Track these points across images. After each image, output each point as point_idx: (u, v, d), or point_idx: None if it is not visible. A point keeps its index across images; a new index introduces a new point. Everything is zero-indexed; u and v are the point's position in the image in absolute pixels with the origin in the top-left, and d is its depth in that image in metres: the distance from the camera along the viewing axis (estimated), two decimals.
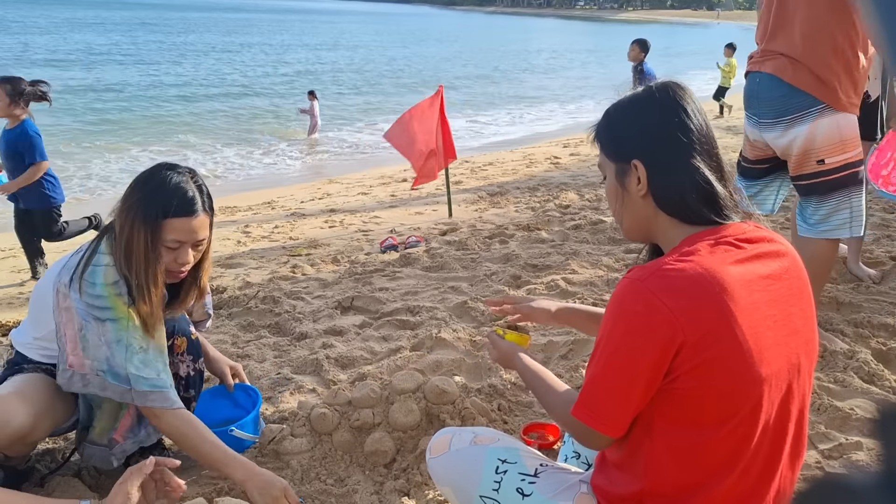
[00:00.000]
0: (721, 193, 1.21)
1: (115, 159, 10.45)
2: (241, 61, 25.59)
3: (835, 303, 3.21)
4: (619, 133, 1.28)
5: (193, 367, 2.08)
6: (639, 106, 1.27)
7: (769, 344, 1.14)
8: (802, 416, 1.24)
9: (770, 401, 1.16)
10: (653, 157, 1.22)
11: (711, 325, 1.10)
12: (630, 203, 1.27)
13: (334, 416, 2.14)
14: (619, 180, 1.27)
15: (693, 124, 1.22)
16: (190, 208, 1.82)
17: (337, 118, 14.71)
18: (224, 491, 1.97)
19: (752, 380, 1.12)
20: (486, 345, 1.69)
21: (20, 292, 4.40)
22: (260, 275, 4.35)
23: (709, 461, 1.18)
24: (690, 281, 1.11)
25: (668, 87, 1.25)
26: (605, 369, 1.18)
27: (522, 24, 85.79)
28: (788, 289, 1.20)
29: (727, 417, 1.14)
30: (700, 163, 1.21)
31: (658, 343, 1.11)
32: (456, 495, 1.51)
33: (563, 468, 1.48)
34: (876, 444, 0.37)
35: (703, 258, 1.13)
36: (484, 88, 20.92)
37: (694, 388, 1.12)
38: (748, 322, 1.12)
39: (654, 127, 1.23)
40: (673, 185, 1.21)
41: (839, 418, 2.19)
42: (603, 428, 1.20)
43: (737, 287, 1.12)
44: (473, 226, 5.51)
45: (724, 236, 1.18)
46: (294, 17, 66.84)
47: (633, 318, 1.14)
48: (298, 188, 8.59)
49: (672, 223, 1.23)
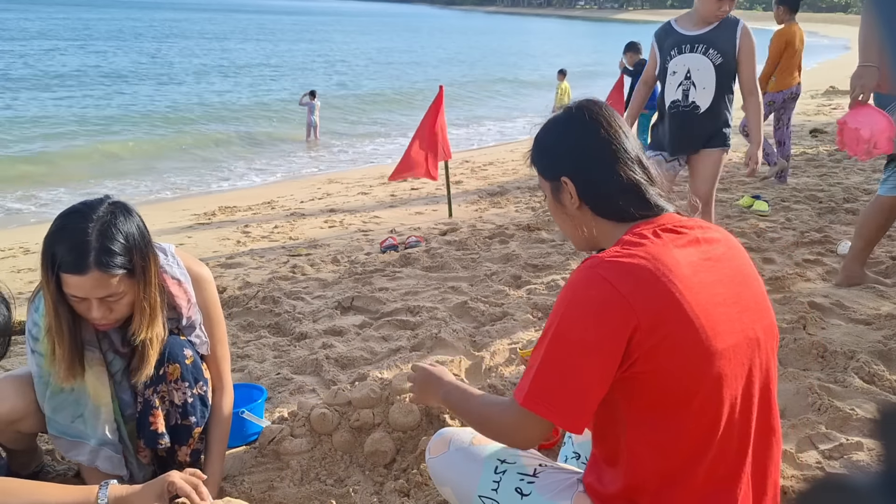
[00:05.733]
0: (648, 189, 1.31)
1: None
2: (240, 60, 25.58)
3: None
4: (546, 154, 1.39)
5: (191, 393, 1.91)
6: (560, 127, 1.38)
7: (721, 320, 1.19)
8: (768, 391, 1.27)
9: (731, 375, 1.19)
10: (579, 172, 1.32)
11: (662, 304, 1.15)
12: (569, 216, 1.36)
13: (334, 417, 2.14)
14: (555, 197, 1.37)
15: (610, 135, 1.32)
16: (77, 266, 1.60)
17: (336, 119, 14.70)
18: (224, 491, 1.98)
19: (707, 354, 1.17)
20: (409, 377, 1.73)
21: (20, 292, 4.40)
22: (260, 275, 4.35)
23: (684, 444, 1.20)
24: (639, 266, 1.18)
25: (584, 106, 1.37)
26: (559, 353, 1.19)
27: (523, 25, 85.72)
28: (731, 269, 1.27)
29: (690, 395, 1.17)
30: (622, 167, 1.30)
31: (612, 327, 1.16)
32: (455, 495, 1.51)
33: (561, 468, 1.48)
34: (876, 445, 0.37)
35: (649, 245, 1.21)
36: (484, 88, 20.91)
37: (653, 370, 1.16)
38: (697, 300, 1.17)
39: (575, 144, 1.34)
40: (601, 192, 1.31)
41: (840, 418, 2.19)
42: (556, 416, 1.19)
43: (682, 268, 1.19)
44: (473, 226, 5.51)
45: (662, 224, 1.27)
46: (288, 20, 66.64)
47: (588, 302, 1.18)
48: (298, 188, 8.59)
49: (611, 225, 1.32)
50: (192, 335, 1.94)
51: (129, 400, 1.89)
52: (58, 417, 1.80)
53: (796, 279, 3.56)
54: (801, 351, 2.67)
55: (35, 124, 12.38)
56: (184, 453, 1.97)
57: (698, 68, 3.31)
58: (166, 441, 1.90)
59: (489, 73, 25.32)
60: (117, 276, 1.64)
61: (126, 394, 1.89)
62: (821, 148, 8.10)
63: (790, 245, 4.22)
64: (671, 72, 3.37)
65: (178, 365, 1.89)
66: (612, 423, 1.25)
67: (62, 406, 1.80)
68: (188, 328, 1.93)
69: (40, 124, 12.41)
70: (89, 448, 1.83)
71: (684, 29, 3.37)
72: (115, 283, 1.64)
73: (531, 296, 3.50)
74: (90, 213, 1.64)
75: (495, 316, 3.25)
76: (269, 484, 2.00)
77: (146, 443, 1.91)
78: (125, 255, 1.65)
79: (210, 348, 1.99)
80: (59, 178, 9.30)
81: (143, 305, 1.74)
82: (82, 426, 1.82)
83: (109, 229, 1.63)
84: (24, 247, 5.66)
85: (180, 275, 1.89)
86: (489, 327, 3.08)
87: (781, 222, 4.81)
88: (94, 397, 1.83)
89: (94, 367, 1.82)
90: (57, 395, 1.79)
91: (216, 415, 2.00)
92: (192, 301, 1.92)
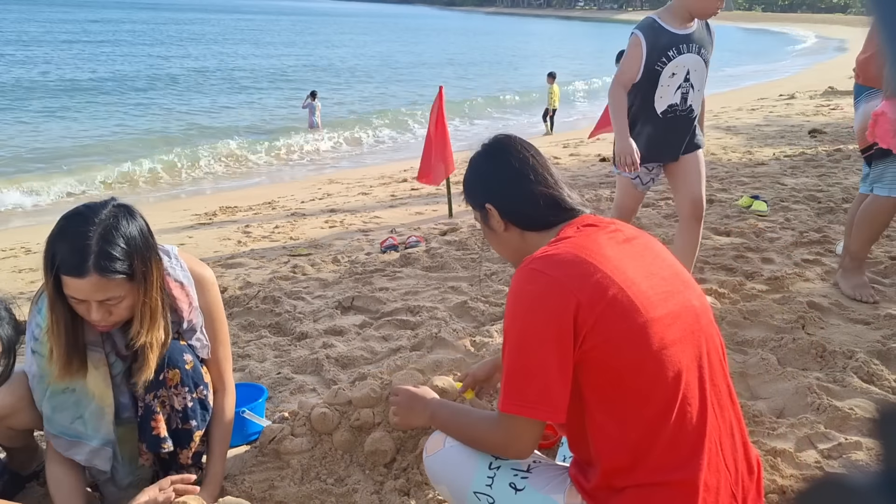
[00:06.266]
0: (563, 197, 1.48)
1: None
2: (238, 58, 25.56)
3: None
4: (470, 187, 1.58)
5: (191, 398, 1.92)
6: (478, 162, 1.58)
7: (652, 292, 1.31)
8: (717, 354, 1.35)
9: (676, 340, 1.28)
10: (497, 197, 1.50)
11: (595, 280, 1.27)
12: (501, 238, 1.54)
13: (334, 416, 2.14)
14: (486, 224, 1.55)
15: (519, 160, 1.51)
16: (76, 269, 1.60)
17: (337, 119, 14.70)
18: (225, 491, 1.98)
19: (647, 322, 1.26)
20: (392, 400, 1.81)
21: (21, 292, 4.40)
22: (260, 275, 4.36)
23: (645, 412, 1.25)
24: (569, 254, 1.32)
25: (497, 140, 1.57)
26: (519, 353, 1.27)
27: (524, 27, 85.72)
28: (652, 252, 1.41)
29: (640, 363, 1.25)
30: (534, 185, 1.47)
31: (557, 310, 1.25)
32: (451, 492, 1.52)
33: (555, 464, 1.50)
34: (876, 444, 0.37)
35: (574, 237, 1.38)
36: (484, 89, 20.90)
37: (598, 345, 1.25)
38: (625, 275, 1.29)
39: (492, 174, 1.53)
40: (520, 209, 1.49)
41: (839, 418, 2.19)
42: (535, 412, 1.27)
43: (607, 250, 1.33)
44: (473, 226, 5.50)
45: (582, 221, 1.45)
46: (286, 20, 66.59)
47: (530, 296, 1.29)
48: (299, 188, 8.59)
49: (538, 235, 1.48)
50: (192, 338, 1.94)
51: (126, 403, 1.89)
52: (58, 417, 1.80)
53: (795, 279, 3.57)
54: (800, 350, 2.68)
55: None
56: (185, 456, 1.98)
57: (696, 69, 3.10)
58: (169, 445, 1.90)
59: (490, 74, 25.31)
60: (117, 280, 1.63)
61: (124, 396, 1.88)
62: (820, 148, 8.10)
63: (789, 245, 4.23)
64: (669, 74, 3.06)
65: (178, 370, 1.88)
66: (577, 417, 1.31)
67: (62, 406, 1.80)
68: (189, 332, 1.93)
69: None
70: (89, 448, 1.83)
71: (674, 27, 3.07)
72: (114, 287, 1.64)
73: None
74: (93, 216, 1.64)
75: (495, 316, 3.25)
76: (270, 483, 2.01)
77: (149, 447, 1.91)
78: (126, 259, 1.64)
79: (212, 349, 1.99)
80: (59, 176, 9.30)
81: (144, 309, 1.73)
82: (82, 427, 1.82)
83: (111, 233, 1.63)
84: (26, 247, 5.67)
85: (183, 277, 1.89)
86: (489, 327, 3.08)
87: (780, 222, 4.81)
88: (98, 398, 1.82)
89: (100, 368, 1.82)
90: (57, 396, 1.79)
91: (218, 415, 2.00)
92: (194, 304, 1.92)
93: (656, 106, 3.11)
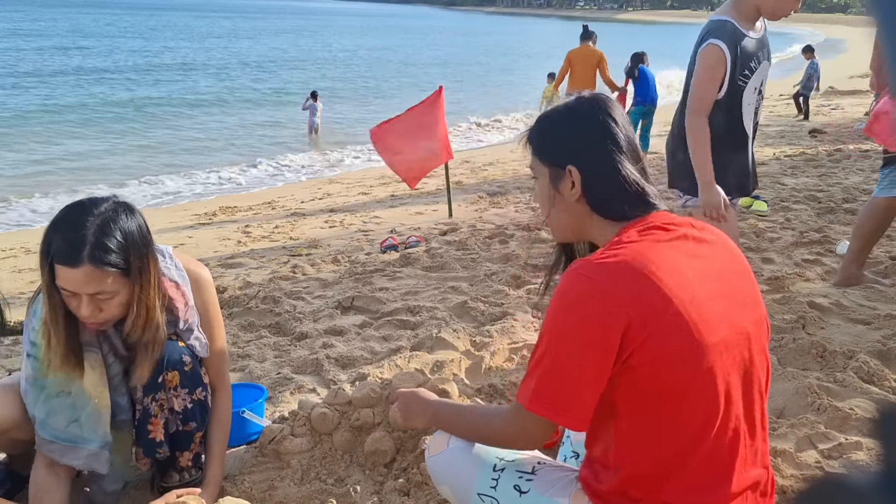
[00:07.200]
0: (648, 190, 1.33)
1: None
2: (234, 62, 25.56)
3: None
4: (554, 140, 1.37)
5: (191, 399, 1.91)
6: (574, 115, 1.37)
7: (711, 314, 1.21)
8: (759, 384, 1.29)
9: (723, 369, 1.22)
10: (587, 163, 1.32)
11: (651, 299, 1.18)
12: (563, 206, 1.36)
13: (334, 416, 2.14)
14: (553, 184, 1.35)
15: (621, 132, 1.33)
16: (70, 258, 1.57)
17: (337, 119, 14.70)
18: (225, 491, 1.98)
19: (699, 347, 1.19)
20: (396, 395, 1.74)
21: (21, 292, 4.40)
22: (260, 275, 4.36)
23: (679, 436, 1.22)
24: (626, 264, 1.20)
25: (599, 100, 1.36)
26: (557, 357, 1.22)
27: (524, 27, 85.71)
28: (721, 264, 1.30)
29: (684, 387, 1.20)
30: (628, 166, 1.31)
31: (603, 325, 1.18)
32: (454, 493, 1.52)
33: (560, 465, 1.49)
34: (876, 444, 0.37)
35: (635, 244, 1.24)
36: (483, 90, 20.89)
37: (646, 363, 1.18)
38: (686, 294, 1.20)
39: (588, 135, 1.33)
40: (606, 187, 1.32)
41: (839, 418, 2.19)
42: (560, 417, 1.24)
43: (669, 263, 1.21)
44: (473, 226, 5.51)
45: (650, 223, 1.29)
46: (288, 20, 66.48)
47: (576, 305, 1.21)
48: (299, 188, 8.60)
49: (604, 223, 1.33)
50: (191, 338, 1.93)
51: (123, 405, 1.87)
52: (52, 421, 1.77)
53: (795, 279, 3.57)
54: (801, 350, 2.67)
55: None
56: (185, 458, 1.98)
57: (764, 79, 2.63)
58: (165, 450, 1.90)
59: (490, 73, 25.30)
60: (111, 273, 1.61)
61: (121, 398, 1.87)
62: (820, 148, 8.10)
63: (789, 245, 4.23)
64: (752, 89, 2.56)
65: (177, 372, 1.87)
66: (602, 421, 1.27)
67: (57, 410, 1.77)
68: (186, 332, 1.92)
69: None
70: (87, 452, 1.80)
71: (750, 30, 2.54)
72: (108, 281, 1.61)
73: (531, 296, 3.51)
74: (92, 208, 1.63)
75: (495, 316, 3.25)
76: (270, 483, 2.01)
77: (145, 452, 1.90)
78: (121, 252, 1.62)
79: (209, 349, 1.98)
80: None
81: (140, 307, 1.71)
82: (78, 430, 1.79)
83: (108, 225, 1.62)
84: (26, 247, 5.67)
85: (178, 277, 1.88)
86: (489, 327, 3.08)
87: (781, 222, 4.81)
88: (95, 399, 1.81)
89: (96, 369, 1.81)
90: (52, 399, 1.77)
91: (216, 415, 2.00)
92: (190, 304, 1.91)
93: (745, 125, 2.62)
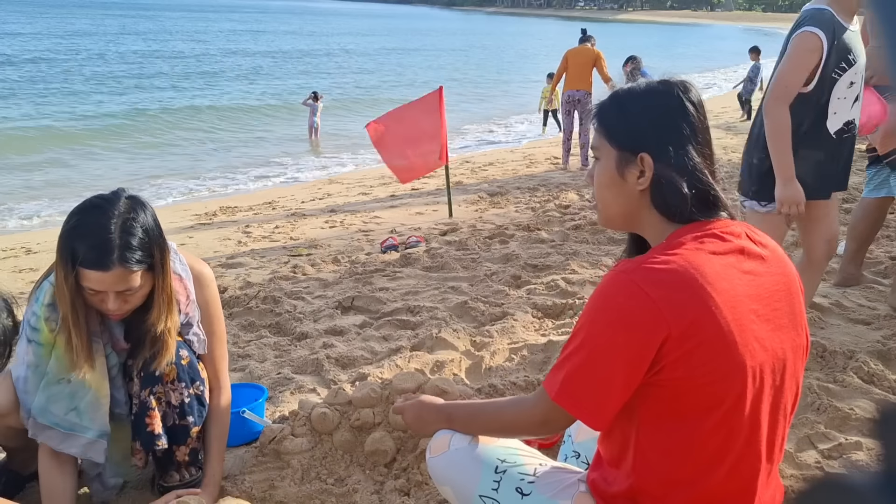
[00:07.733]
0: (717, 194, 1.23)
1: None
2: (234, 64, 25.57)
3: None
4: (631, 122, 1.24)
5: (188, 393, 1.92)
6: (655, 99, 1.23)
7: (752, 337, 1.15)
8: (786, 410, 1.24)
9: (755, 393, 1.17)
10: (663, 154, 1.20)
11: (695, 315, 1.12)
12: (623, 193, 1.25)
13: (335, 416, 2.14)
14: (618, 169, 1.24)
15: (700, 123, 1.23)
16: (100, 262, 1.61)
17: (338, 119, 14.70)
18: (225, 491, 1.98)
19: (734, 369, 1.14)
20: (401, 408, 1.72)
21: (21, 292, 4.40)
22: (260, 275, 4.36)
23: (698, 455, 1.19)
24: (674, 273, 1.13)
25: (684, 84, 1.24)
26: (589, 357, 1.19)
27: (525, 27, 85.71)
28: (773, 285, 1.22)
29: (711, 408, 1.15)
30: (701, 162, 1.22)
31: (641, 334, 1.13)
32: (455, 495, 1.51)
33: (562, 468, 1.48)
34: (876, 444, 0.37)
35: (688, 252, 1.16)
36: (483, 90, 20.90)
37: (678, 379, 1.14)
38: (731, 313, 1.13)
39: (669, 122, 1.21)
40: (675, 183, 1.20)
41: (839, 418, 2.19)
42: (581, 414, 1.21)
43: (720, 279, 1.14)
44: (473, 226, 5.51)
45: (709, 230, 1.20)
46: (289, 20, 66.50)
47: (618, 309, 1.15)
48: (299, 188, 8.60)
49: (661, 220, 1.24)
50: (189, 333, 1.95)
51: (119, 398, 1.88)
52: (52, 408, 1.79)
53: None
54: None
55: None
56: (182, 453, 1.98)
57: (862, 74, 2.50)
58: (163, 442, 1.90)
59: (490, 74, 25.31)
60: (139, 271, 1.67)
61: (118, 392, 1.88)
62: None
63: (789, 245, 4.22)
64: (847, 83, 2.44)
65: (175, 365, 1.89)
66: (623, 425, 1.24)
67: (57, 397, 1.79)
68: (185, 326, 1.93)
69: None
70: (84, 440, 1.81)
71: (848, 22, 2.41)
72: (136, 278, 1.67)
73: (531, 296, 3.51)
74: (110, 209, 1.65)
75: (495, 316, 3.25)
76: (270, 483, 2.01)
77: (143, 445, 1.90)
78: (145, 249, 1.67)
79: (208, 347, 1.99)
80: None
81: (162, 296, 1.77)
82: (76, 418, 1.80)
83: (131, 225, 1.65)
84: (26, 247, 5.67)
85: (182, 271, 1.90)
86: (489, 327, 3.08)
87: None
88: (95, 388, 1.82)
89: (98, 359, 1.83)
90: (53, 386, 1.78)
91: (214, 413, 2.00)
92: (191, 298, 1.93)
93: (829, 125, 2.50)
